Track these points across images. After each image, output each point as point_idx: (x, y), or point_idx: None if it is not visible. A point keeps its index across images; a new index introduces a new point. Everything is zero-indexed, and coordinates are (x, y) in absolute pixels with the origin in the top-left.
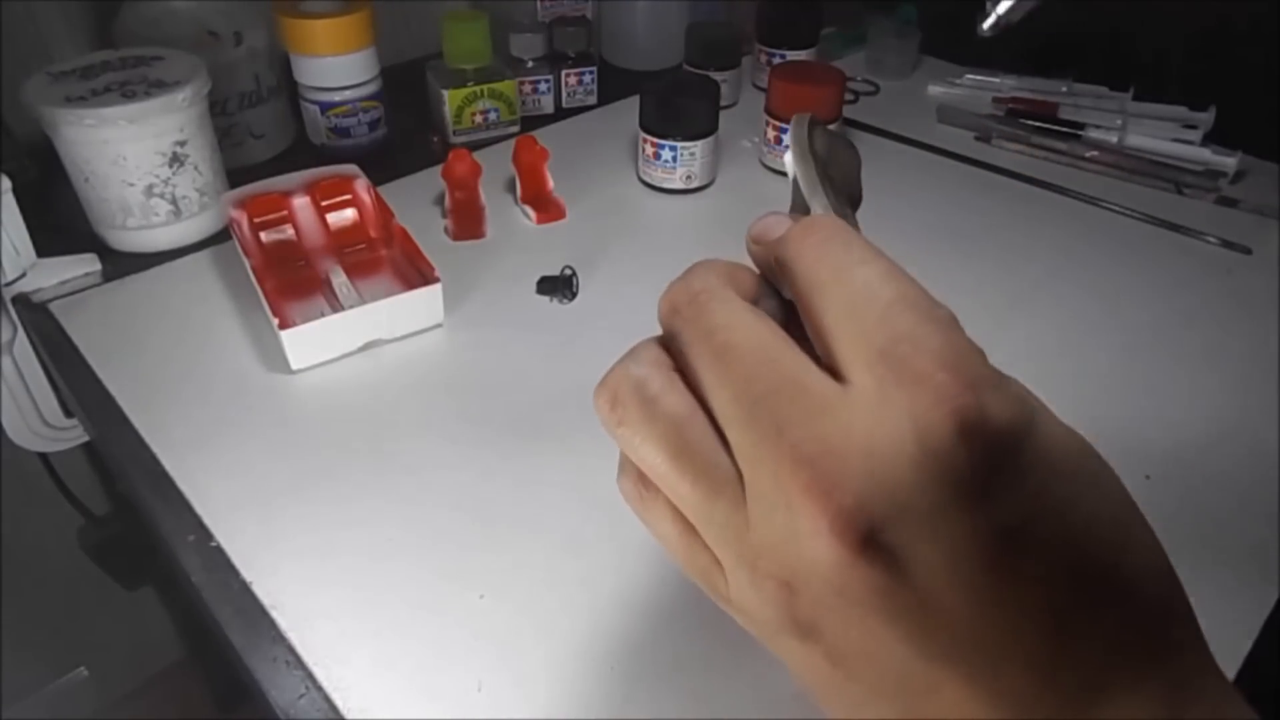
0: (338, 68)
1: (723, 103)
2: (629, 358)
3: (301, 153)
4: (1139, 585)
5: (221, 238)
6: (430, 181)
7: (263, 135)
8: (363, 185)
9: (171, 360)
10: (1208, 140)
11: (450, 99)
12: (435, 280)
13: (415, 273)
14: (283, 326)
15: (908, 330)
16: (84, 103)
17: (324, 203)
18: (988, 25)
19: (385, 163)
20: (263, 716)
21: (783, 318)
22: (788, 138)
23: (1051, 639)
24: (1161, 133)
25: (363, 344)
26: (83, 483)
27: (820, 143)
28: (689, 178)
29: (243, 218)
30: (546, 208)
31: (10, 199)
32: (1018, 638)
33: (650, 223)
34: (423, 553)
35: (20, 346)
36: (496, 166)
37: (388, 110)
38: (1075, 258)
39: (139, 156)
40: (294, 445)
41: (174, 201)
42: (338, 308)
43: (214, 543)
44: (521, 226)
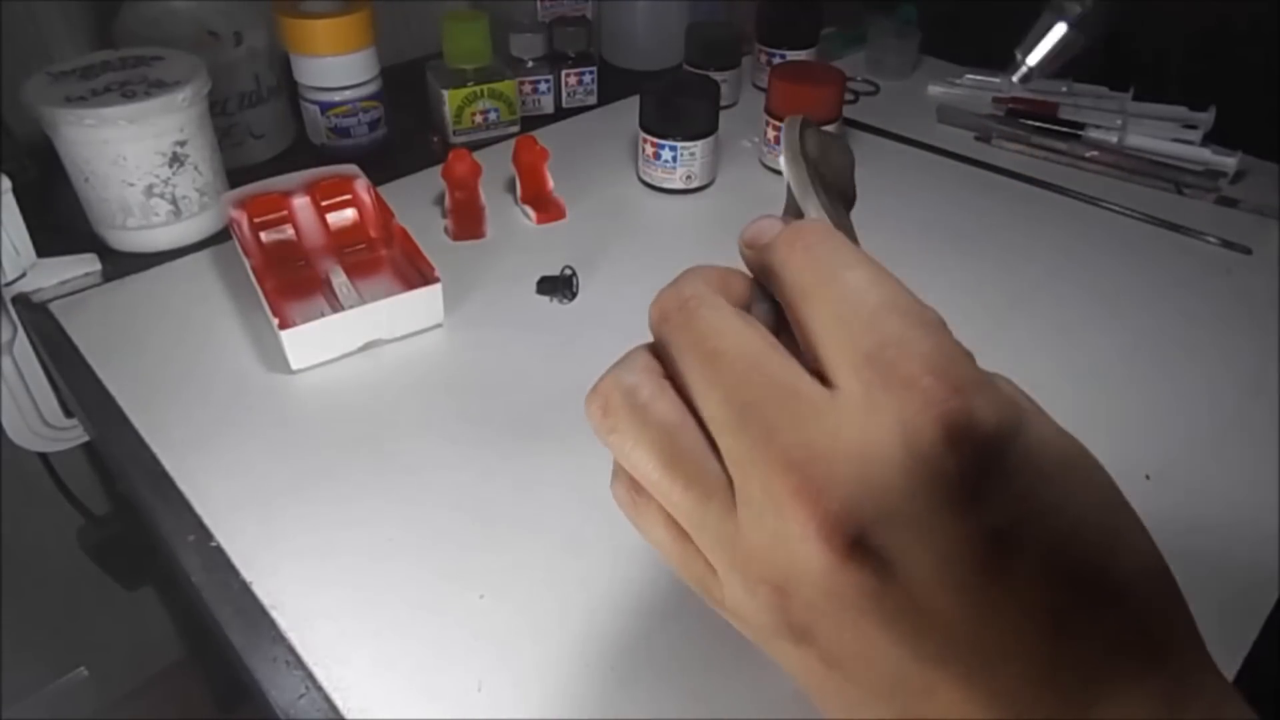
0: (338, 68)
1: (723, 103)
2: (620, 365)
3: (301, 153)
4: (1132, 585)
5: (221, 238)
6: (430, 181)
7: (263, 135)
8: (363, 185)
9: (171, 360)
10: (1208, 140)
11: (450, 99)
12: (435, 280)
13: (415, 273)
14: (283, 326)
15: (894, 335)
16: (84, 103)
17: (324, 203)
18: (1017, 78)
19: (385, 163)
20: (263, 716)
21: (776, 322)
22: (780, 140)
23: (1050, 639)
24: (1161, 133)
25: (363, 344)
26: (83, 483)
27: (812, 144)
28: (689, 178)
29: (243, 218)
30: (546, 208)
31: (10, 199)
32: (1015, 638)
33: (650, 223)
34: (423, 553)
35: (20, 346)
36: (496, 166)
37: (388, 110)
38: (1075, 258)
39: (139, 156)
40: (294, 445)
41: (174, 201)
42: (338, 308)
43: (214, 543)
44: (521, 226)
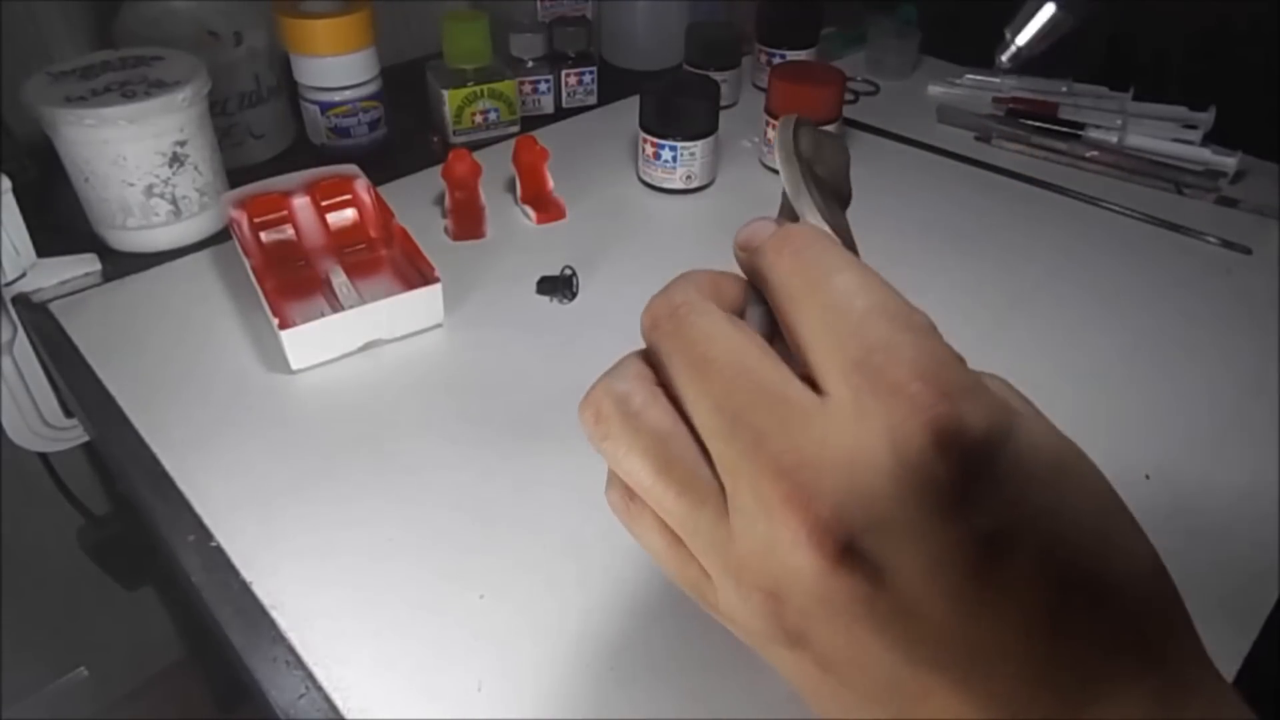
0: (338, 68)
1: (723, 103)
2: (611, 373)
3: (301, 153)
4: (1127, 586)
5: (221, 238)
6: (430, 181)
7: (263, 135)
8: (363, 185)
9: (171, 360)
10: (1208, 140)
11: (450, 99)
12: (435, 280)
13: (415, 273)
14: (283, 326)
15: (883, 340)
16: (84, 103)
17: (324, 203)
18: (1006, 57)
19: (385, 163)
20: (263, 716)
21: (770, 326)
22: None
23: (1046, 639)
24: (1161, 133)
25: (363, 344)
26: (83, 483)
27: (806, 143)
28: (689, 178)
29: (243, 218)
30: (546, 208)
31: (10, 199)
32: (1010, 639)
33: (650, 223)
34: (423, 553)
35: (20, 346)
36: (496, 166)
37: (388, 110)
38: (1075, 258)
39: (139, 156)
40: (294, 445)
41: (174, 201)
42: (338, 308)
43: (214, 543)
44: (521, 226)
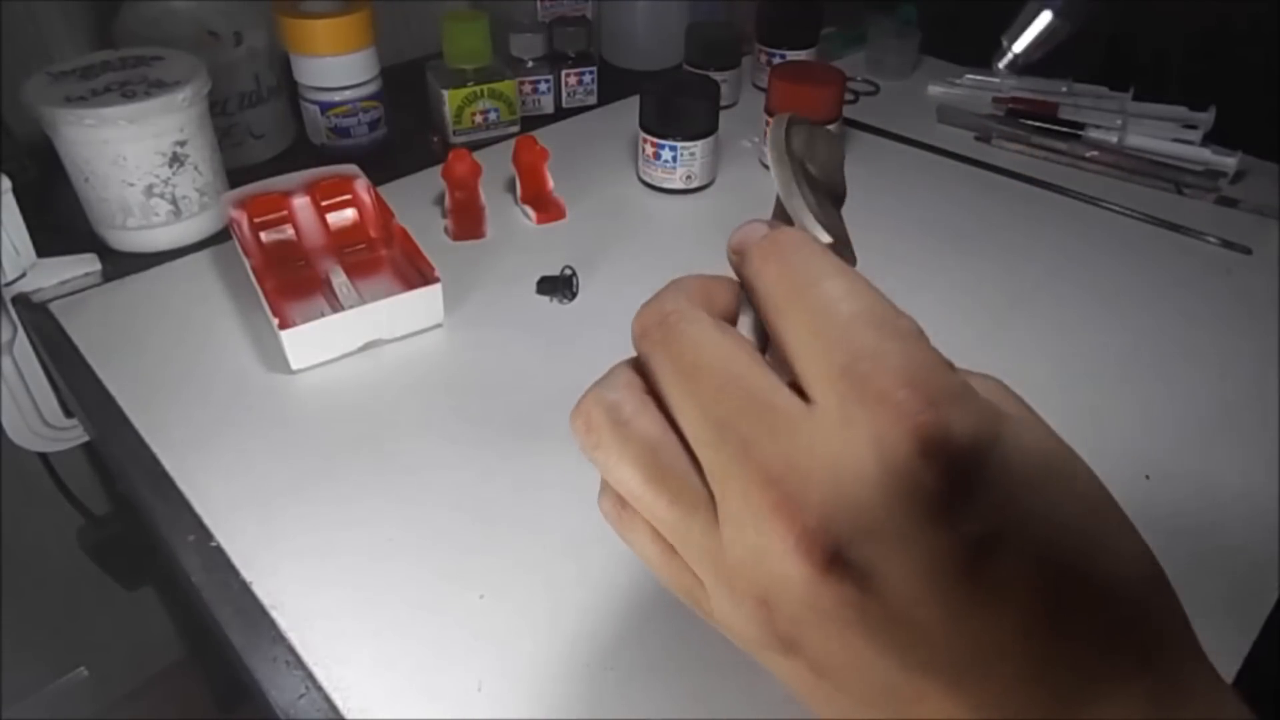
0: (338, 68)
1: (723, 103)
2: (602, 382)
3: (301, 153)
4: (1121, 586)
5: (221, 238)
6: (430, 181)
7: (263, 135)
8: (363, 185)
9: (171, 360)
10: (1208, 140)
11: (450, 99)
12: (435, 280)
13: (415, 273)
14: (283, 326)
15: (869, 347)
16: (84, 103)
17: (324, 203)
18: (1003, 65)
19: (385, 163)
20: (263, 716)
21: (763, 331)
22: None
23: (1041, 639)
24: (1161, 133)
25: (363, 344)
26: (83, 483)
27: (799, 142)
28: (689, 178)
29: (243, 218)
30: (546, 208)
31: (10, 199)
32: (1004, 640)
33: (650, 223)
34: (423, 553)
35: (20, 346)
36: (496, 166)
37: (388, 110)
38: (1075, 258)
39: (139, 156)
40: (294, 445)
41: (174, 201)
42: (338, 308)
43: (214, 543)
44: (521, 226)
